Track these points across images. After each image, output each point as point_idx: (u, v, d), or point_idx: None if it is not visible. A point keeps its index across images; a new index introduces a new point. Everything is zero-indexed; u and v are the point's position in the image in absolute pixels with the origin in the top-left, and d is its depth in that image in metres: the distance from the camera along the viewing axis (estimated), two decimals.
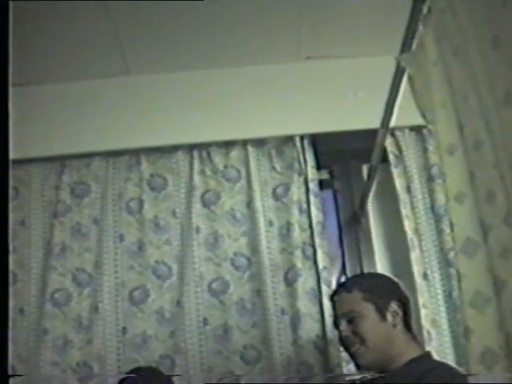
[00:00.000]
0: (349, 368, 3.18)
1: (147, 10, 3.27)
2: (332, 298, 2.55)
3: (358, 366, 2.42)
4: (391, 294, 2.48)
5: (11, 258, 3.14)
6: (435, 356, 2.48)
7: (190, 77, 3.71)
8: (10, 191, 1.51)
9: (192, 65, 3.69)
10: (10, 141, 1.46)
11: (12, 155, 1.46)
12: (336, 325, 2.48)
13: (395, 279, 2.57)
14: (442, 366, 2.35)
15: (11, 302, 3.09)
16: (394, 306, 2.42)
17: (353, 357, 2.41)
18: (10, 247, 1.50)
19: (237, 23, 3.44)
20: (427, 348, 2.83)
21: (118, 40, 3.47)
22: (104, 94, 3.71)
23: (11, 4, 1.52)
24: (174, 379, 2.82)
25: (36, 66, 3.54)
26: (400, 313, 2.42)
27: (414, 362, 2.32)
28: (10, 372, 1.47)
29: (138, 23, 3.38)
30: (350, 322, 2.40)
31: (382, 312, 2.40)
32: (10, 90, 1.48)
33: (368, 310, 2.40)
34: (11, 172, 1.47)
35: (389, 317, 2.40)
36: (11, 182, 1.52)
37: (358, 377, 2.61)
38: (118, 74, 3.71)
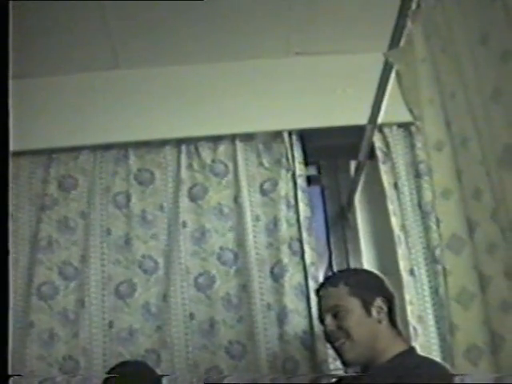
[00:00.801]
0: (336, 364, 3.19)
1: (138, 4, 3.27)
2: (318, 292, 2.54)
3: (342, 361, 2.41)
4: (377, 289, 2.48)
5: None
6: (420, 352, 2.49)
7: (179, 71, 3.71)
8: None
9: (181, 60, 3.69)
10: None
11: None
12: (321, 319, 2.47)
13: (380, 275, 2.58)
14: (427, 361, 2.35)
15: None
16: (379, 301, 2.42)
17: (338, 352, 2.40)
18: None
19: (226, 19, 3.44)
20: (413, 344, 2.84)
21: (109, 34, 3.46)
22: (93, 87, 3.70)
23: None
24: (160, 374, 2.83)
25: (24, 60, 3.52)
26: (385, 308, 2.42)
27: (399, 357, 2.32)
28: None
29: (128, 17, 3.37)
30: (336, 316, 2.39)
31: (367, 307, 2.40)
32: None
33: (353, 304, 2.39)
34: None
35: (374, 312, 2.39)
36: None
37: (343, 374, 2.62)
38: (107, 67, 3.70)
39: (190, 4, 3.27)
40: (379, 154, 3.50)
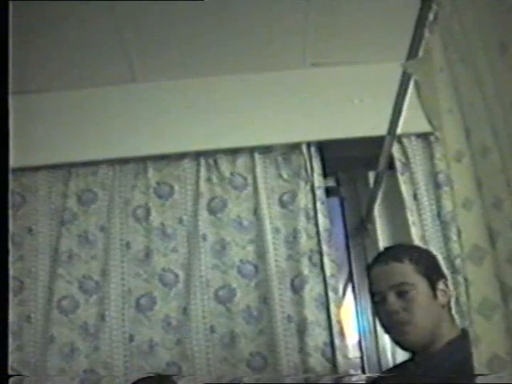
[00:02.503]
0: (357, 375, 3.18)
1: (154, 17, 3.28)
2: (372, 267, 2.42)
3: (401, 345, 2.32)
4: (440, 270, 2.39)
5: (18, 266, 3.16)
6: None
7: (197, 84, 3.72)
8: (10, 198, 1.50)
9: (198, 72, 3.69)
10: (10, 148, 1.46)
11: (19, 163, 1.46)
12: (381, 298, 2.33)
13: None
14: None
15: (18, 310, 3.10)
16: (442, 283, 2.33)
17: (396, 334, 2.31)
18: (17, 255, 1.49)
19: (243, 30, 3.45)
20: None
21: (125, 47, 3.47)
22: (111, 101, 3.71)
23: (13, 8, 1.52)
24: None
25: (43, 74, 3.55)
26: (449, 292, 2.33)
27: (454, 344, 2.25)
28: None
29: (144, 30, 3.39)
30: (401, 295, 2.27)
31: (433, 289, 2.29)
32: (10, 97, 1.48)
33: (422, 284, 2.29)
34: (18, 180, 1.47)
35: (439, 295, 2.30)
36: (17, 189, 1.52)
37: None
38: (124, 81, 3.72)
39: (207, 17, 3.28)
40: (398, 164, 3.49)
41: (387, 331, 2.36)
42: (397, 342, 2.33)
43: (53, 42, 3.39)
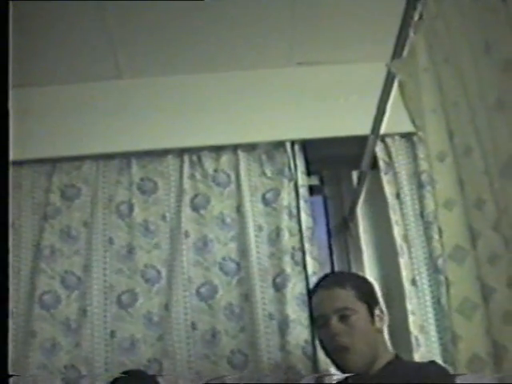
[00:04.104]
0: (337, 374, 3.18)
1: (141, 14, 3.28)
2: (315, 292, 2.52)
3: (342, 368, 2.38)
4: (376, 297, 2.48)
5: None
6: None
7: (182, 81, 3.72)
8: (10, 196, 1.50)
9: (183, 69, 3.70)
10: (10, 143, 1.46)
11: None
12: (323, 322, 2.43)
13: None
14: (431, 363, 2.33)
15: None
16: (378, 310, 2.43)
17: (337, 357, 2.38)
18: None
19: (229, 28, 3.45)
20: (415, 355, 2.86)
21: (111, 43, 3.47)
22: (96, 97, 3.71)
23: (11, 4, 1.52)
24: (161, 380, 2.83)
25: (27, 69, 3.53)
26: (384, 318, 2.43)
27: (393, 364, 2.33)
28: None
29: (131, 27, 3.38)
30: (343, 319, 2.35)
31: (371, 314, 2.39)
32: (10, 91, 1.48)
33: (362, 309, 2.38)
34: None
35: (376, 320, 2.39)
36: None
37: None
38: (110, 77, 3.71)
39: (193, 14, 3.29)
40: (381, 164, 3.50)
41: (328, 354, 2.44)
42: (338, 365, 2.39)
43: (38, 38, 3.38)
